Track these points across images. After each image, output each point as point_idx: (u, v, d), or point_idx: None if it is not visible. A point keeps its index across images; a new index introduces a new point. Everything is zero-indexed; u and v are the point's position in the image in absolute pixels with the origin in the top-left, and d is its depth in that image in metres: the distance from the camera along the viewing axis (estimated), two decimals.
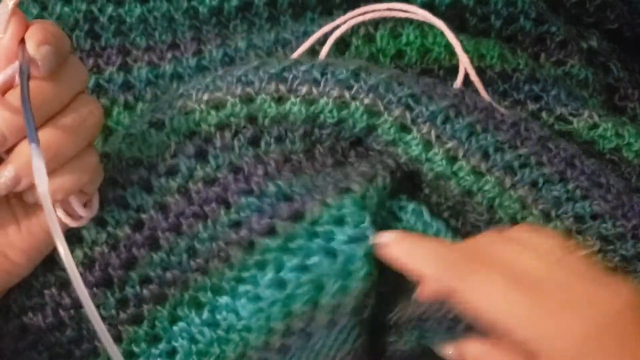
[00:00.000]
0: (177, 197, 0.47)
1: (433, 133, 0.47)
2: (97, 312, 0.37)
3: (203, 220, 0.46)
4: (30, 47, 0.39)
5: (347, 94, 0.48)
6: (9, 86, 0.40)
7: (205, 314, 0.46)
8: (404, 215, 0.46)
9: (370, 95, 0.48)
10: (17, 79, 0.40)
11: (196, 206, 0.47)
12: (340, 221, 0.44)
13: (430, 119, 0.48)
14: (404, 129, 0.48)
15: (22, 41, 0.40)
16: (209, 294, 0.46)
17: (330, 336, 0.44)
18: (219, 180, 0.47)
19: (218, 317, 0.46)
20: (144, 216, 0.46)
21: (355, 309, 0.43)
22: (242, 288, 0.45)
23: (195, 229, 0.46)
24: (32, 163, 0.38)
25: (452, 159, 0.47)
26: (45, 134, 0.40)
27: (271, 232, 0.45)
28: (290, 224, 0.45)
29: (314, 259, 0.44)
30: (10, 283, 0.44)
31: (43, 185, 0.37)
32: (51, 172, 0.41)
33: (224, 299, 0.46)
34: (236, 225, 0.46)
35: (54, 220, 0.38)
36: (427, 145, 0.48)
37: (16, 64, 0.39)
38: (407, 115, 0.47)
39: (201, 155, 0.47)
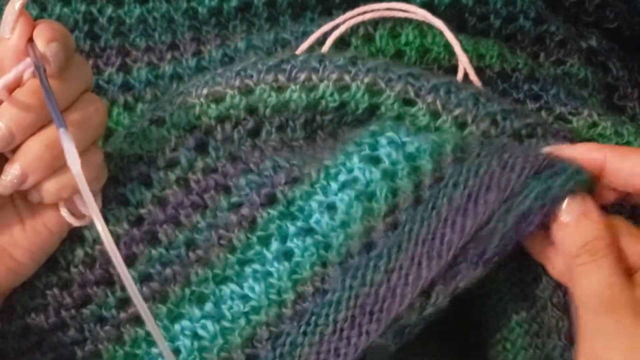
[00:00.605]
0: (176, 189, 0.47)
1: (439, 102, 0.48)
2: (139, 292, 0.39)
3: (202, 209, 0.47)
4: (40, 44, 0.40)
5: (346, 77, 0.48)
6: (15, 85, 0.41)
7: (209, 307, 0.46)
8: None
9: (370, 74, 0.48)
10: (25, 77, 0.41)
11: (195, 195, 0.47)
12: (335, 176, 0.45)
13: (433, 90, 0.48)
14: (408, 102, 0.48)
15: (29, 40, 0.41)
16: (212, 286, 0.46)
17: (346, 280, 0.44)
18: (218, 169, 0.47)
19: (223, 307, 0.46)
20: (142, 211, 0.47)
21: (363, 247, 0.44)
22: (248, 269, 0.45)
23: (193, 219, 0.46)
24: (63, 146, 0.39)
25: (462, 125, 0.48)
26: (52, 131, 0.41)
27: (271, 200, 0.46)
28: (289, 188, 0.46)
29: (315, 217, 0.45)
30: (16, 283, 0.45)
31: (76, 165, 0.38)
32: (57, 169, 0.42)
33: (229, 288, 0.46)
34: (236, 206, 0.46)
35: (90, 200, 0.39)
36: (435, 114, 0.48)
37: (27, 61, 0.40)
38: (410, 89, 0.48)
39: (201, 148, 0.47)
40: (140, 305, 0.39)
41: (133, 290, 0.39)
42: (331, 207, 0.45)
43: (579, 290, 0.42)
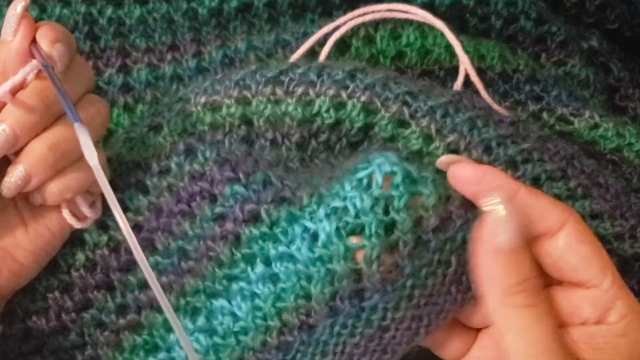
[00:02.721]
0: (167, 196, 0.46)
1: (433, 127, 0.47)
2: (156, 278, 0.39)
3: (190, 218, 0.46)
4: (45, 45, 0.41)
5: (343, 94, 0.47)
6: (18, 88, 0.41)
7: (201, 321, 0.45)
8: None
9: (367, 93, 0.47)
10: (28, 79, 0.41)
11: (183, 204, 0.46)
12: (325, 203, 0.42)
13: (429, 113, 0.47)
14: (402, 124, 0.47)
15: (32, 42, 0.41)
16: (203, 298, 0.46)
17: (335, 326, 0.42)
18: (206, 174, 0.46)
19: (214, 322, 0.45)
20: (140, 218, 0.46)
21: (353, 292, 0.41)
22: (235, 286, 0.44)
23: (183, 227, 0.46)
24: (80, 140, 0.39)
25: (454, 152, 0.47)
26: (56, 132, 0.42)
27: (255, 218, 0.44)
28: (274, 207, 0.43)
29: (297, 244, 0.42)
30: (19, 285, 0.45)
31: (94, 158, 0.39)
32: (61, 170, 0.42)
33: (219, 302, 0.45)
34: (221, 218, 0.45)
35: (109, 191, 0.39)
36: (428, 139, 0.47)
37: (33, 62, 0.41)
38: (405, 110, 0.47)
39: (191, 152, 0.47)
40: (157, 291, 0.39)
41: (151, 276, 0.39)
42: (314, 237, 0.42)
43: (509, 341, 0.39)
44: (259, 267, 0.43)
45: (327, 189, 0.42)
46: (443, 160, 0.42)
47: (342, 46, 0.55)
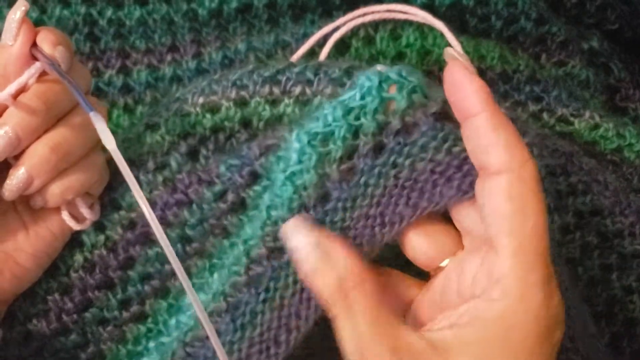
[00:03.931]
0: (162, 189, 0.46)
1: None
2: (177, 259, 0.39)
3: (188, 206, 0.46)
4: (48, 48, 0.41)
5: (340, 92, 0.47)
6: (20, 91, 0.42)
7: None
8: None
9: None
10: (30, 83, 0.42)
11: (179, 193, 0.46)
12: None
13: None
14: None
15: (33, 45, 0.42)
16: (207, 275, 0.46)
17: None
18: (204, 168, 0.46)
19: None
20: (133, 215, 0.46)
21: (319, 197, 0.42)
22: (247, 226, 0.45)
23: (181, 217, 0.46)
24: (96, 128, 0.39)
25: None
26: (57, 133, 0.42)
27: (255, 177, 0.45)
28: (265, 158, 0.44)
29: (273, 170, 0.43)
30: (21, 288, 0.45)
31: (112, 142, 0.39)
32: (62, 171, 0.43)
33: (218, 273, 0.45)
34: (222, 194, 0.46)
35: (127, 172, 0.39)
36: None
37: (37, 64, 0.41)
38: None
39: (194, 155, 0.47)
40: (175, 263, 0.39)
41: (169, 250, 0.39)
42: (286, 160, 0.43)
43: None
44: (255, 215, 0.44)
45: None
46: (449, 51, 0.41)
47: (342, 47, 0.55)
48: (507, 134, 0.37)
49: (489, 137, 0.37)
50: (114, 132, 0.54)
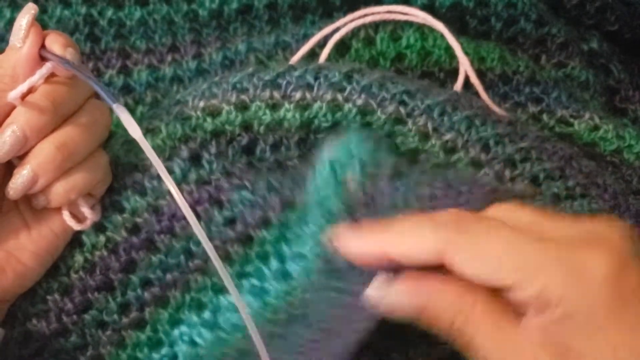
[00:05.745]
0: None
1: (430, 125, 0.47)
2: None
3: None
4: (58, 49, 0.42)
5: (340, 97, 0.47)
6: (28, 92, 0.42)
7: (207, 315, 0.46)
8: None
9: (363, 95, 0.47)
10: (38, 84, 0.42)
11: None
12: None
13: (426, 111, 0.47)
14: (399, 122, 0.47)
15: (42, 47, 0.42)
16: (210, 294, 0.46)
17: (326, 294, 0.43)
18: (212, 182, 0.46)
19: (220, 318, 0.45)
20: (138, 220, 0.46)
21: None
22: (246, 283, 0.45)
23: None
24: (121, 118, 0.42)
25: (451, 151, 0.47)
26: (63, 133, 0.43)
27: (265, 223, 0.45)
28: (282, 212, 0.45)
29: (307, 246, 0.43)
30: (23, 288, 0.45)
31: (138, 131, 0.41)
32: (67, 171, 0.43)
33: (226, 299, 0.45)
34: (231, 221, 0.46)
35: (154, 158, 0.41)
36: (424, 137, 0.47)
37: (48, 65, 0.42)
38: (402, 110, 0.47)
39: (196, 159, 0.47)
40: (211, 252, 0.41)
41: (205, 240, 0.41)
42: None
43: None
44: (274, 264, 0.44)
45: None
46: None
47: (342, 48, 0.55)
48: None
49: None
50: (113, 133, 0.55)
